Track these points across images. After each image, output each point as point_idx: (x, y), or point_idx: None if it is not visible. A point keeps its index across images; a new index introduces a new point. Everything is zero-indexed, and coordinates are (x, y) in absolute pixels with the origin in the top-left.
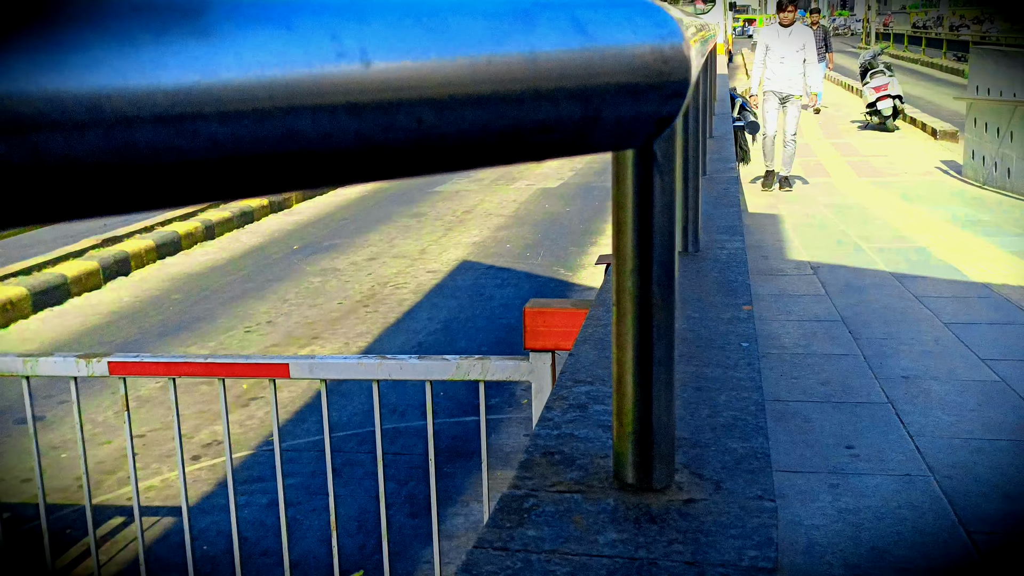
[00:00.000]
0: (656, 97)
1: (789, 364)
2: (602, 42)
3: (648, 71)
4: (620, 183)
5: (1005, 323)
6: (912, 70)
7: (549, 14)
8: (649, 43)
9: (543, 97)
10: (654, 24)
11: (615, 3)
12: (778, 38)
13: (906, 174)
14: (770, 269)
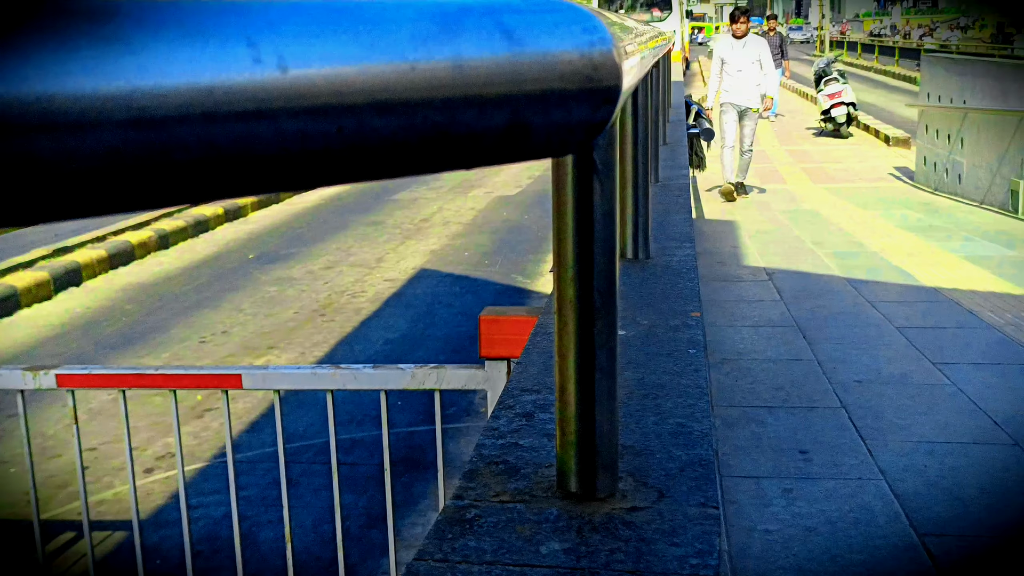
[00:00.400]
0: (586, 104)
1: (744, 370)
2: (530, 48)
3: (577, 77)
4: (560, 191)
5: (956, 327)
6: (866, 77)
7: (475, 20)
8: (578, 49)
9: (469, 104)
10: (584, 30)
11: (544, 9)
12: (732, 50)
13: (860, 180)
14: (726, 275)
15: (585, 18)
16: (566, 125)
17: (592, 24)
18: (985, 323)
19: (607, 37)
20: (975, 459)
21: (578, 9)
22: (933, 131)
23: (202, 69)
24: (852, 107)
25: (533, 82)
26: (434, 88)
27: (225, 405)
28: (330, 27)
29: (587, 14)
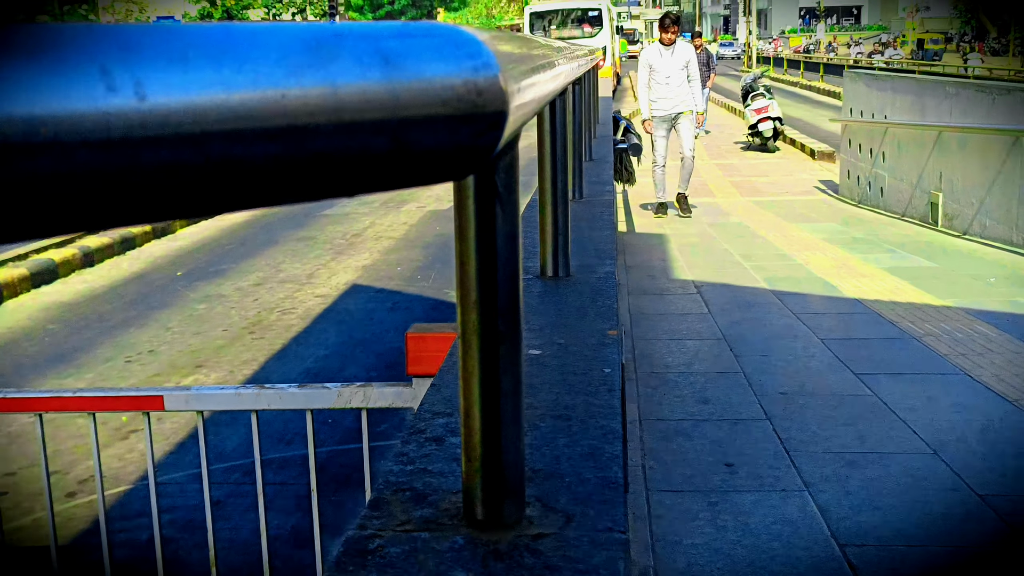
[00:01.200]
0: (470, 130)
1: (672, 383)
2: (409, 74)
3: (460, 103)
4: (461, 214)
5: (877, 338)
6: (793, 92)
7: (351, 44)
8: (461, 75)
9: (346, 131)
10: (467, 55)
11: (425, 34)
12: (660, 58)
13: (787, 194)
14: (656, 289)
15: (469, 43)
16: (450, 151)
17: (476, 49)
18: (906, 334)
19: (492, 62)
20: (895, 469)
21: (462, 34)
22: (856, 145)
23: (49, 98)
24: (778, 122)
25: (413, 108)
26: (307, 115)
27: (147, 427)
28: (193, 53)
29: (471, 39)
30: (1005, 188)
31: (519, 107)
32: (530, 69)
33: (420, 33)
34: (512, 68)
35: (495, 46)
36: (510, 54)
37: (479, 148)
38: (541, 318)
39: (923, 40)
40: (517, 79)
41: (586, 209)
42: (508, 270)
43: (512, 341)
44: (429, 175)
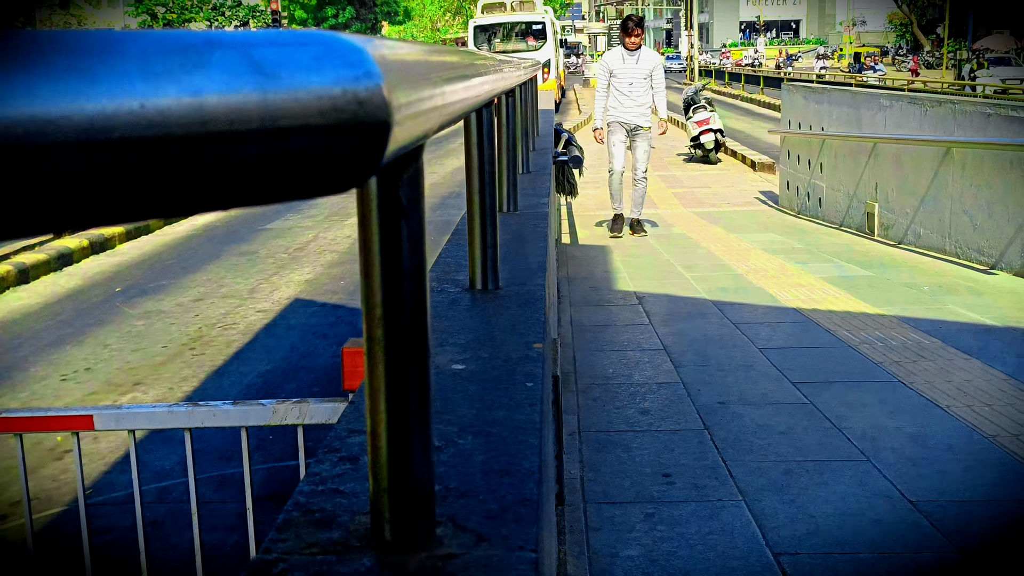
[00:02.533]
0: (351, 141)
1: (612, 394)
2: (283, 84)
3: (339, 114)
4: (365, 226)
5: (814, 346)
6: (734, 105)
7: (222, 54)
8: (340, 85)
9: (214, 142)
10: (346, 64)
11: (303, 42)
12: (624, 63)
13: (728, 205)
14: (598, 300)
15: (349, 51)
16: (331, 163)
17: (357, 58)
18: (842, 342)
19: (374, 71)
20: (829, 477)
21: (343, 42)
22: (795, 157)
23: None
24: (720, 134)
25: (288, 119)
26: (169, 126)
27: (76, 448)
28: (41, 60)
29: (352, 47)
30: (937, 198)
31: (409, 117)
32: (426, 79)
33: (297, 41)
34: (400, 77)
35: (381, 55)
36: (399, 63)
37: (363, 160)
38: (467, 332)
39: (860, 54)
40: (406, 89)
41: (520, 222)
42: (414, 284)
43: (419, 356)
44: (311, 188)
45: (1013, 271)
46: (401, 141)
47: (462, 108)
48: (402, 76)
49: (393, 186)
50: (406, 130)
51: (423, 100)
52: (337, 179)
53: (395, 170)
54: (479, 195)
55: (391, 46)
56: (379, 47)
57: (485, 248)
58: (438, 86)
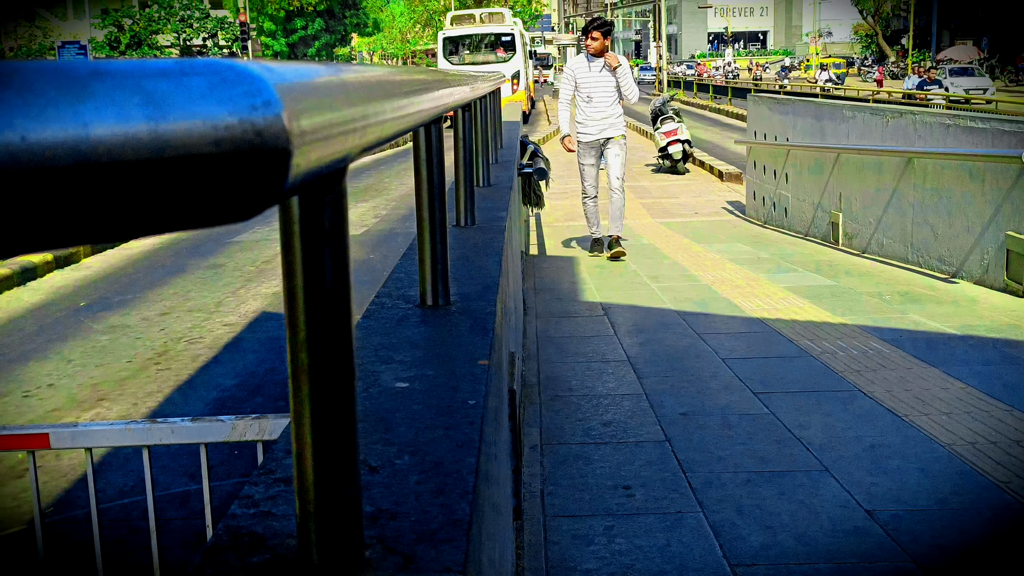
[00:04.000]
0: (250, 170)
1: (575, 406)
2: (176, 115)
3: (236, 143)
4: (288, 250)
5: (777, 356)
6: (702, 116)
7: (110, 85)
8: (236, 115)
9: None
10: (243, 94)
11: (197, 71)
12: (588, 71)
13: (695, 215)
14: (563, 311)
15: (247, 80)
16: (230, 192)
17: (255, 86)
18: (805, 352)
19: (273, 100)
20: (787, 487)
21: (241, 71)
22: (761, 167)
23: None
24: (687, 144)
25: (181, 150)
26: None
27: (31, 467)
28: None
29: (250, 75)
30: (899, 207)
31: (317, 142)
32: (340, 102)
33: (191, 71)
34: (305, 103)
35: (283, 81)
36: (306, 87)
37: (263, 188)
38: (414, 349)
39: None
40: (313, 114)
41: (477, 236)
42: (339, 309)
43: (344, 380)
44: (211, 216)
45: (973, 279)
46: (308, 167)
47: (396, 128)
48: (308, 101)
49: (314, 209)
50: (314, 155)
51: (335, 125)
52: (238, 207)
53: (315, 193)
54: (428, 210)
55: (298, 71)
56: (282, 73)
57: (435, 264)
58: (356, 108)
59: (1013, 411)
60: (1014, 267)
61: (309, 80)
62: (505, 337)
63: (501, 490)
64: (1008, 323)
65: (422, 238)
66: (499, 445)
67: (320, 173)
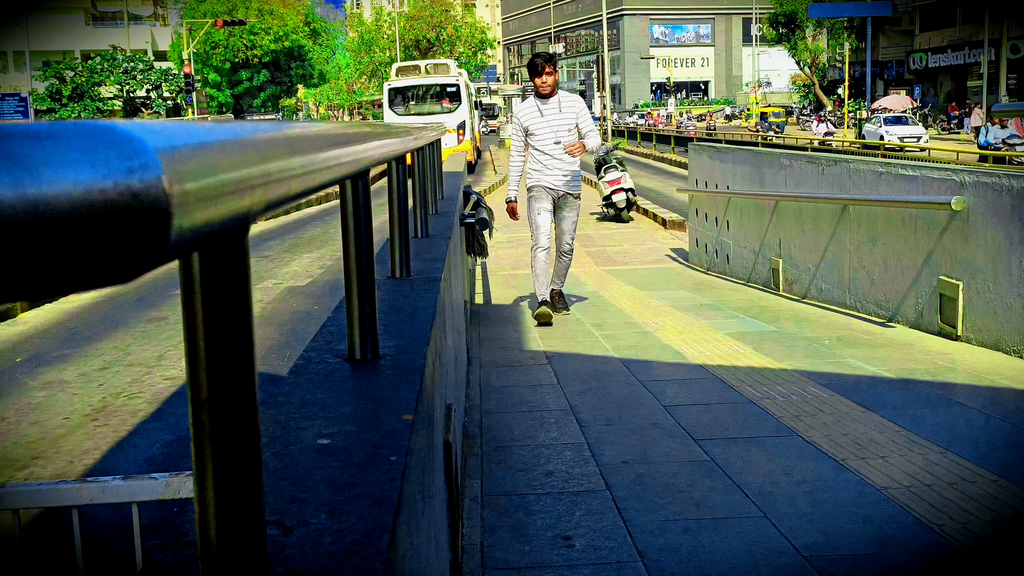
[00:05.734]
0: (128, 234)
1: (517, 457)
2: (47, 180)
3: (112, 207)
4: (189, 307)
5: (717, 403)
6: (646, 164)
7: None
8: (112, 179)
9: None
10: (120, 157)
11: (71, 135)
12: (542, 117)
13: (639, 262)
14: (507, 360)
15: (125, 143)
16: (109, 257)
17: (133, 149)
18: (745, 398)
19: (152, 162)
20: (727, 534)
21: (120, 133)
22: (703, 215)
23: None
24: (631, 193)
25: (53, 215)
26: None
27: None
28: None
29: (131, 138)
30: (837, 253)
31: (203, 202)
32: (234, 162)
33: (65, 134)
34: (189, 166)
35: (165, 143)
36: (191, 148)
37: (143, 251)
38: (339, 405)
39: (766, 114)
40: (198, 176)
41: (411, 288)
42: (242, 366)
43: (248, 441)
44: (91, 279)
45: (909, 323)
46: (195, 227)
47: (309, 184)
48: (193, 163)
49: (212, 267)
50: (201, 216)
51: (227, 184)
52: (118, 270)
53: (212, 251)
54: (356, 263)
55: (185, 131)
56: (165, 134)
57: (363, 318)
58: (253, 167)
59: (947, 453)
60: (947, 311)
61: (196, 141)
62: (438, 390)
63: (430, 546)
64: (943, 366)
65: (350, 292)
66: (429, 500)
67: (212, 232)
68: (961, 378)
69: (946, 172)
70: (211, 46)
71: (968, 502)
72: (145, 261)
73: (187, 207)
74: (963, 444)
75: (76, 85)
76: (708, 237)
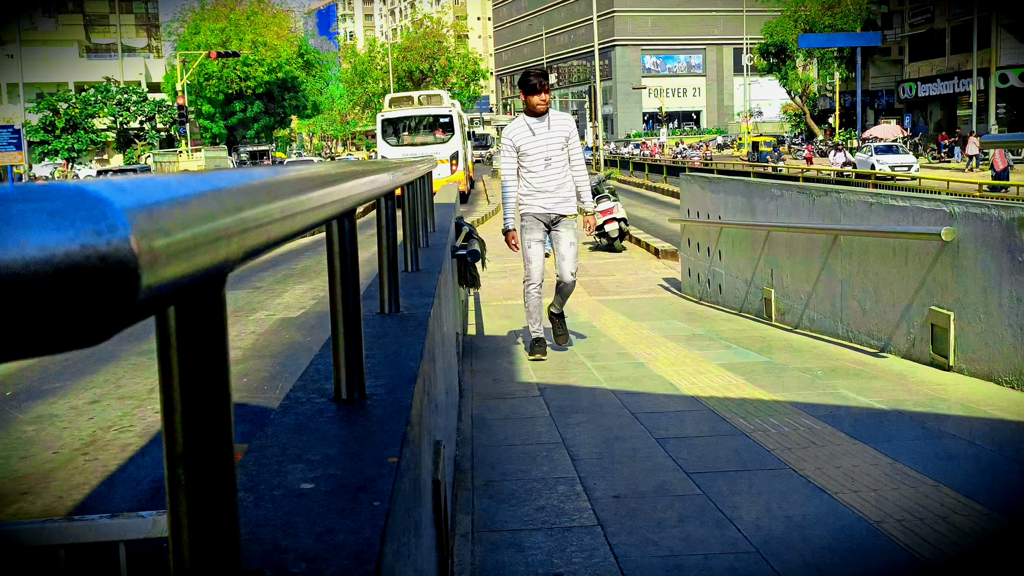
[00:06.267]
0: (95, 296)
1: (509, 492)
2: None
3: (78, 270)
4: (164, 363)
5: (710, 435)
6: (638, 193)
7: None
8: (78, 241)
9: None
10: (87, 219)
11: (37, 198)
12: (534, 136)
13: (632, 292)
14: (499, 393)
15: (94, 205)
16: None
17: (102, 211)
18: (737, 430)
19: (119, 224)
20: (718, 570)
21: (88, 195)
22: (695, 244)
23: None
24: (623, 222)
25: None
26: None
27: None
28: None
29: (99, 200)
30: (828, 283)
31: (177, 259)
32: (208, 214)
33: (35, 198)
34: (160, 224)
35: (135, 203)
36: (161, 207)
37: (113, 312)
38: (324, 447)
39: (757, 143)
40: (169, 233)
41: (399, 324)
42: (218, 425)
43: (224, 495)
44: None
45: (901, 354)
46: (166, 283)
47: (291, 228)
48: (164, 221)
49: (187, 320)
50: (173, 272)
51: (199, 237)
52: (87, 331)
53: (187, 304)
54: (342, 303)
55: (156, 186)
56: (135, 193)
57: (349, 358)
58: (228, 217)
59: (940, 487)
60: (939, 341)
61: (168, 196)
62: (426, 428)
63: None
64: (935, 397)
65: (336, 331)
66: (415, 542)
67: (186, 285)
68: (954, 409)
69: (936, 203)
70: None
71: (962, 537)
72: (113, 322)
73: (157, 265)
74: (956, 477)
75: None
76: (700, 267)
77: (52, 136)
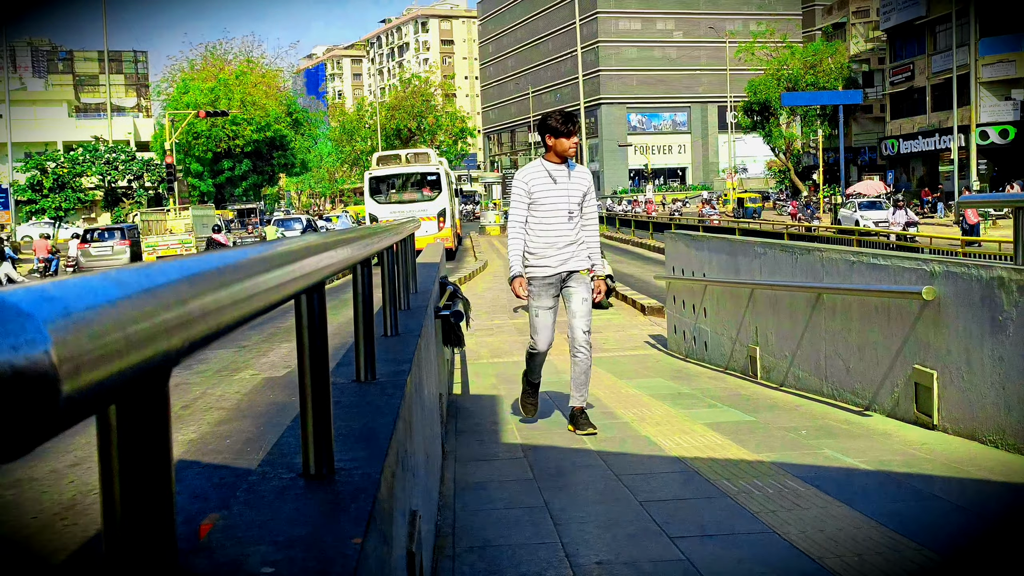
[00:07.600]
0: (15, 411)
1: (490, 558)
2: None
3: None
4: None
5: (694, 497)
6: (624, 250)
7: None
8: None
9: None
10: (5, 334)
11: None
12: (554, 185)
13: (618, 350)
14: (483, 454)
15: (11, 319)
16: None
17: (20, 325)
18: (721, 492)
19: (39, 338)
20: None
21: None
22: (680, 302)
23: None
24: (610, 279)
25: None
26: None
27: None
28: None
29: (18, 312)
30: (812, 341)
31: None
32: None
33: None
34: (85, 330)
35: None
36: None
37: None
38: (288, 527)
39: (743, 199)
40: (97, 338)
41: (375, 393)
42: (159, 516)
43: None
44: None
45: (885, 412)
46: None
47: (245, 311)
48: (92, 325)
49: (128, 415)
50: (102, 373)
51: (133, 335)
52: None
53: (126, 399)
54: (311, 377)
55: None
56: (60, 302)
57: (318, 432)
58: (168, 312)
59: (923, 550)
60: (923, 400)
61: (97, 301)
62: (398, 503)
63: None
64: (920, 457)
65: (305, 406)
66: None
67: (122, 384)
68: (939, 470)
69: (916, 261)
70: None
71: None
72: (34, 435)
73: (82, 371)
74: (940, 541)
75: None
76: (686, 324)
77: (40, 195)
